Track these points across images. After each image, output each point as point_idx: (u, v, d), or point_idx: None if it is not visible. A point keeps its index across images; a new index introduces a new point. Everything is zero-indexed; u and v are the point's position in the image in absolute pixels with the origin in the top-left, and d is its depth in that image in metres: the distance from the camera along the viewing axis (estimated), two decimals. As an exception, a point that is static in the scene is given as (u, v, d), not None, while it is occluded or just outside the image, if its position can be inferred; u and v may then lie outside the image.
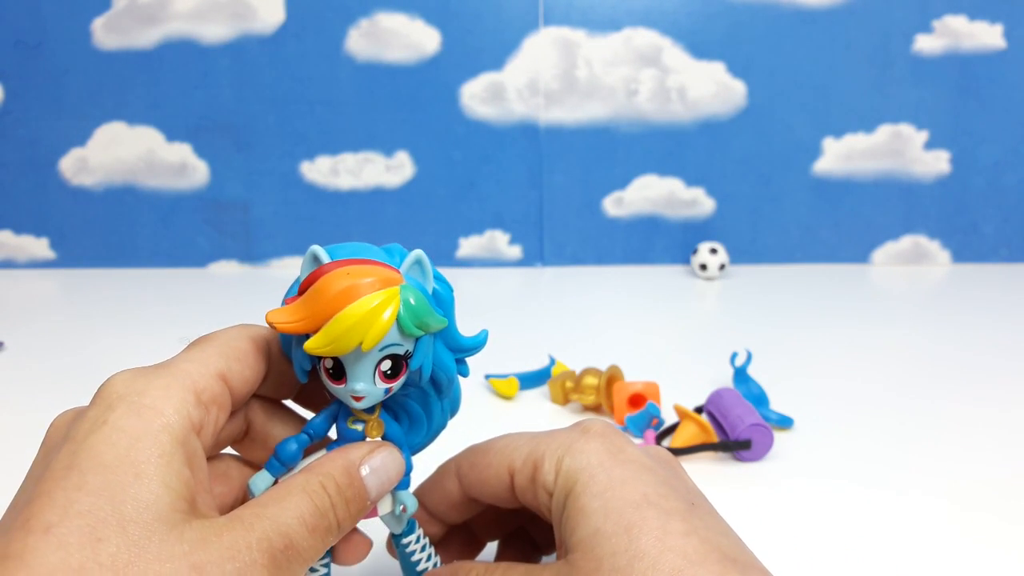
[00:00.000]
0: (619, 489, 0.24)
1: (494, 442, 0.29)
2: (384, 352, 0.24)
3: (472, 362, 0.30)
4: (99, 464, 0.20)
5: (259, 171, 1.03)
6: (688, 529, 0.23)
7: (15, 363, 0.67)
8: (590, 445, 0.26)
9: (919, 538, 0.39)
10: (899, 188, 1.03)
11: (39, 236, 1.05)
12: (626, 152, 1.02)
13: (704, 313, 0.86)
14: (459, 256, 1.04)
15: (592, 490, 0.24)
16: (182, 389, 0.22)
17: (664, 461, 0.27)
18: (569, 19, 0.99)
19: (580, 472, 0.25)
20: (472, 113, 1.01)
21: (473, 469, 0.28)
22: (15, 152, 1.02)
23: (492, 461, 0.28)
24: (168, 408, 0.22)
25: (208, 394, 0.23)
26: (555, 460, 0.26)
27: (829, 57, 0.99)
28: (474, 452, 0.29)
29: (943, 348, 0.69)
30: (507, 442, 0.28)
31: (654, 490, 0.24)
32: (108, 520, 0.19)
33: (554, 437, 0.27)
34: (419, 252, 0.27)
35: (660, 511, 0.23)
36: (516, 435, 0.28)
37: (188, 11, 0.99)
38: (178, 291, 0.94)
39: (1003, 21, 0.98)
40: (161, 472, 0.20)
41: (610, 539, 0.23)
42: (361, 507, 0.24)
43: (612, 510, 0.23)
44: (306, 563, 0.22)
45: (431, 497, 0.30)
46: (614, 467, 0.25)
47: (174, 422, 0.21)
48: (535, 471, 0.26)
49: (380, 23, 0.99)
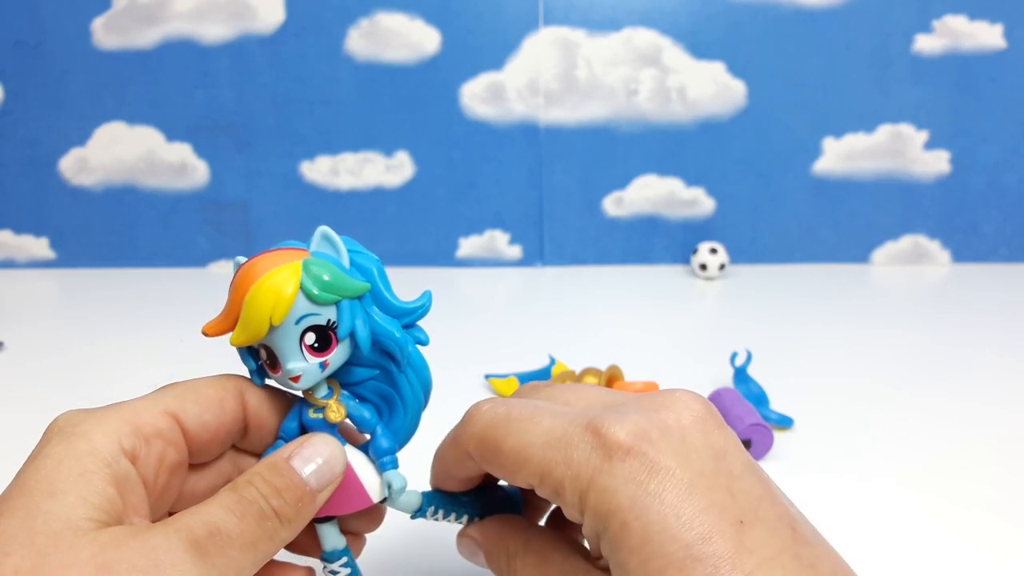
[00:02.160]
0: (657, 543, 0.21)
1: (501, 438, 0.25)
2: (302, 324, 0.24)
3: (472, 362, 0.30)
4: (21, 488, 0.21)
5: (259, 171, 1.03)
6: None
7: (15, 363, 0.67)
8: (616, 475, 0.22)
9: (919, 538, 0.39)
10: (899, 188, 1.03)
11: (39, 236, 1.05)
12: (626, 152, 1.02)
13: (704, 313, 0.86)
14: (459, 256, 1.04)
15: (628, 544, 0.21)
16: (117, 420, 0.23)
17: (706, 446, 0.23)
18: (569, 19, 0.99)
19: (610, 518, 0.21)
20: (472, 113, 1.01)
21: (486, 463, 0.26)
22: (15, 152, 1.02)
23: (504, 465, 0.25)
24: (96, 435, 0.22)
25: (150, 428, 0.24)
26: (577, 495, 0.22)
27: (829, 57, 0.99)
28: (480, 443, 0.26)
29: (943, 348, 0.69)
30: (516, 444, 0.24)
31: (696, 533, 0.20)
32: (16, 535, 0.19)
33: (570, 453, 0.23)
34: (324, 228, 0.27)
35: (705, 569, 0.20)
36: (526, 424, 0.25)
37: (188, 11, 0.99)
38: (178, 291, 0.94)
39: (1003, 21, 0.98)
40: (78, 488, 0.21)
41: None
42: (299, 495, 0.23)
43: (655, 570, 0.20)
44: (247, 548, 0.22)
45: (450, 471, 0.28)
46: (648, 506, 0.21)
47: (100, 446, 0.22)
48: (556, 495, 0.23)
49: (380, 23, 0.99)
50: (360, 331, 0.25)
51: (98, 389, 0.59)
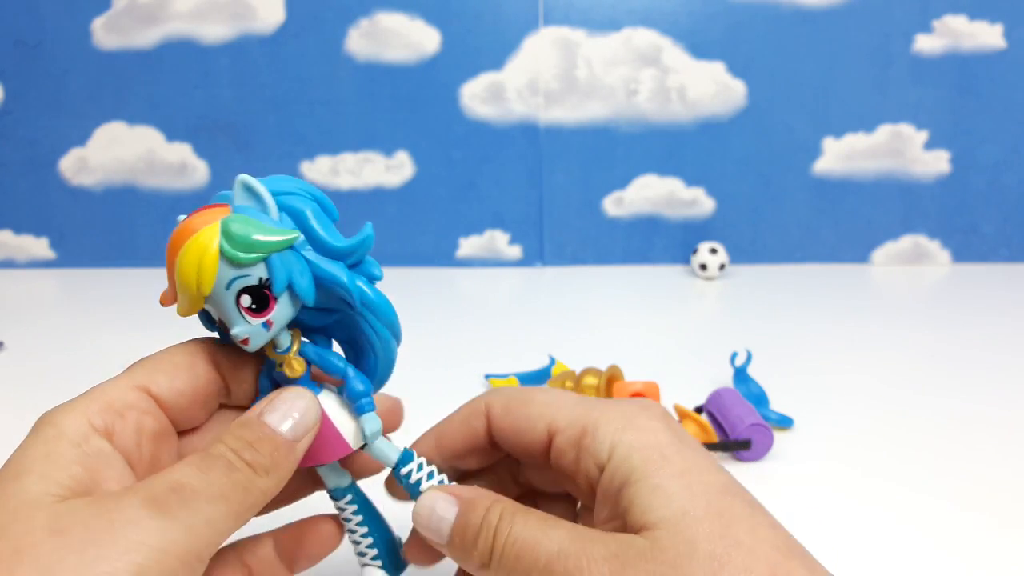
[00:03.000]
0: (701, 473, 0.23)
1: (534, 393, 0.27)
2: (233, 288, 0.23)
3: (472, 362, 0.30)
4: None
5: (259, 171, 1.02)
6: (772, 522, 0.22)
7: (15, 363, 0.67)
8: (654, 424, 0.24)
9: (920, 537, 0.39)
10: (899, 188, 1.03)
11: (39, 236, 1.05)
12: (626, 152, 1.02)
13: (704, 313, 0.86)
14: (459, 256, 1.04)
15: (669, 470, 0.23)
16: (85, 402, 0.23)
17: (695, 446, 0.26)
18: (569, 19, 0.99)
19: (649, 450, 0.23)
20: (472, 113, 1.01)
21: (507, 415, 0.26)
22: (15, 152, 1.02)
23: (531, 413, 0.26)
24: (63, 420, 0.22)
25: (120, 403, 0.24)
26: (612, 431, 0.24)
27: (829, 57, 0.99)
28: (510, 398, 0.27)
29: (943, 348, 0.69)
30: (550, 398, 0.26)
31: (728, 478, 0.23)
32: None
33: (608, 407, 0.25)
34: (243, 177, 0.24)
35: (744, 502, 0.22)
36: (560, 393, 0.27)
37: (188, 11, 0.99)
38: (178, 291, 0.94)
39: (1003, 21, 0.98)
40: (41, 468, 0.21)
41: (702, 522, 0.21)
42: (274, 446, 0.23)
43: (699, 493, 0.22)
44: (216, 499, 0.21)
45: (451, 436, 0.28)
46: (685, 448, 0.23)
47: (66, 429, 0.22)
48: (583, 437, 0.24)
49: (380, 23, 0.99)
50: (298, 283, 0.23)
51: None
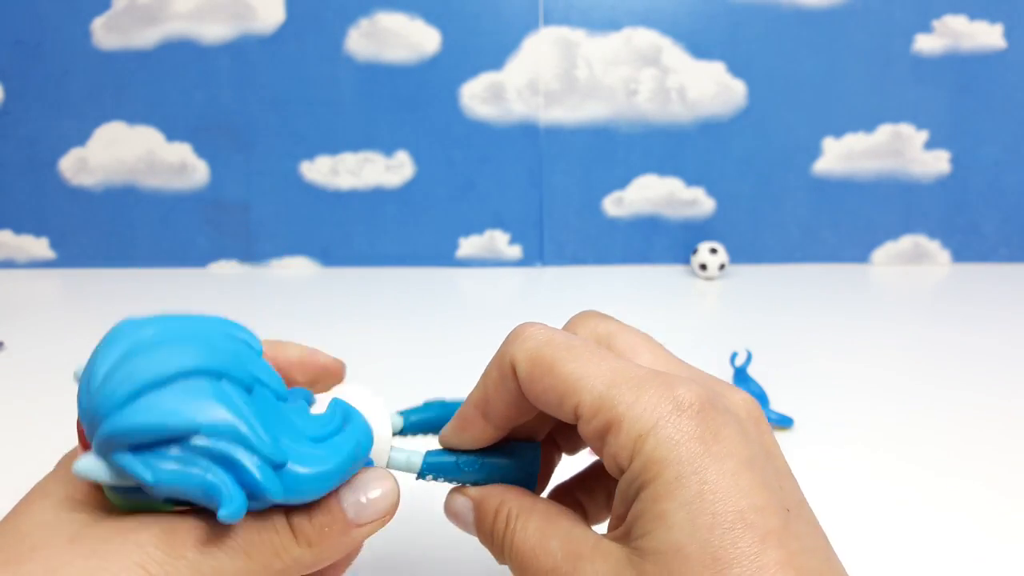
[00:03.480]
0: (711, 501, 0.20)
1: (561, 354, 0.23)
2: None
3: (472, 362, 0.30)
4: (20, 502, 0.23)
5: (259, 171, 1.03)
6: (783, 560, 0.20)
7: (15, 363, 0.67)
8: (682, 428, 0.21)
9: (919, 537, 0.39)
10: (899, 188, 1.03)
11: (39, 236, 1.05)
12: (626, 152, 1.02)
13: (704, 313, 0.86)
14: (459, 256, 1.04)
15: (679, 496, 0.20)
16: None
17: (760, 441, 0.23)
18: (569, 19, 0.99)
19: (665, 466, 0.21)
20: (472, 113, 1.01)
21: (532, 384, 0.24)
22: (15, 152, 1.02)
23: (556, 386, 0.23)
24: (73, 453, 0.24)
25: None
26: (634, 435, 0.21)
27: (829, 57, 0.99)
28: (534, 361, 0.24)
29: (943, 347, 0.69)
30: (578, 368, 0.23)
31: (750, 502, 0.20)
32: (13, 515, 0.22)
33: (638, 394, 0.22)
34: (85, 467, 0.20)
35: (755, 535, 0.20)
36: (590, 358, 0.23)
37: (188, 11, 0.99)
38: (178, 291, 0.94)
39: (1003, 21, 0.98)
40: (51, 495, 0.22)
41: (693, 566, 0.20)
42: (331, 519, 0.23)
43: (700, 528, 0.20)
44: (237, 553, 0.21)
45: (496, 406, 0.26)
46: (708, 466, 0.21)
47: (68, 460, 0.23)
48: (606, 432, 0.22)
49: (380, 23, 0.99)
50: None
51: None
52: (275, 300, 0.91)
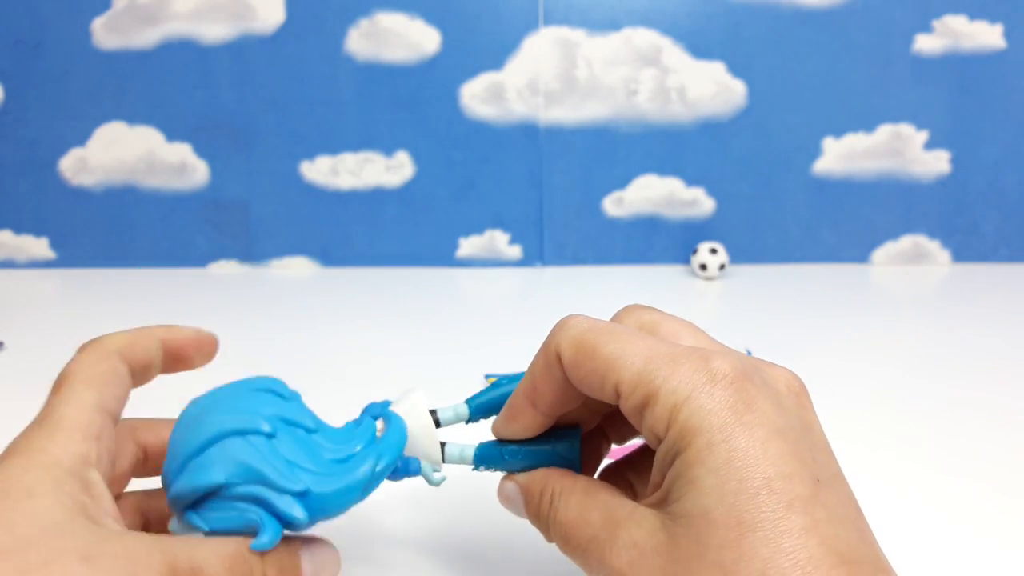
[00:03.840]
0: (739, 467, 0.21)
1: (603, 337, 0.25)
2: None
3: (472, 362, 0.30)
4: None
5: (259, 171, 1.03)
6: (807, 525, 0.20)
7: (15, 363, 0.67)
8: (715, 398, 0.22)
9: (919, 538, 0.39)
10: (899, 188, 1.03)
11: (39, 236, 1.05)
12: (626, 152, 1.02)
13: (704, 313, 0.86)
14: (459, 256, 1.04)
15: (709, 462, 0.21)
16: (62, 430, 0.23)
17: (798, 414, 0.24)
18: (569, 19, 0.99)
19: (697, 434, 0.22)
20: (472, 113, 1.01)
21: (576, 368, 0.25)
22: (15, 152, 1.02)
23: (598, 368, 0.24)
24: (52, 447, 0.22)
25: (94, 428, 0.24)
26: (670, 406, 0.22)
27: (829, 57, 0.99)
28: (578, 346, 0.25)
29: (943, 348, 0.69)
30: (618, 348, 0.24)
31: (778, 469, 0.21)
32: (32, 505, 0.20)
33: (674, 368, 0.23)
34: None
35: (780, 501, 0.20)
36: (630, 339, 0.24)
37: (188, 11, 0.99)
38: (178, 291, 0.94)
39: (1003, 21, 0.98)
40: (53, 493, 0.21)
41: (719, 529, 0.20)
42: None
43: (727, 493, 0.21)
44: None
45: (545, 395, 0.27)
46: (738, 434, 0.21)
47: (61, 458, 0.22)
48: (644, 406, 0.23)
49: (380, 23, 0.99)
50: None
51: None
52: (275, 300, 0.91)
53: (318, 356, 0.68)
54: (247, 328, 0.77)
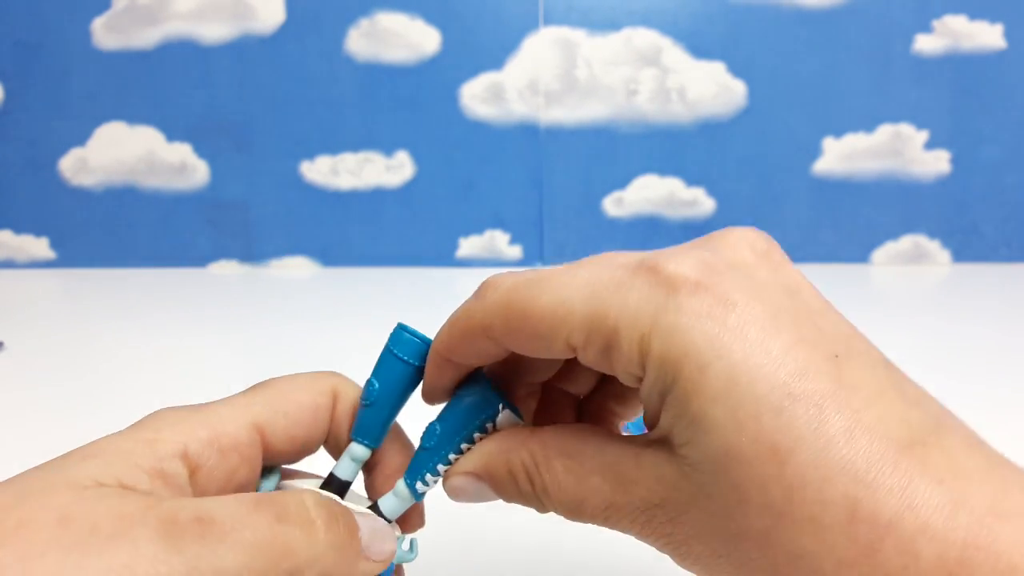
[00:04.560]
0: (747, 384, 0.17)
1: (534, 297, 0.20)
2: None
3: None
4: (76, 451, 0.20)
5: (259, 171, 1.03)
6: (849, 424, 0.17)
7: (15, 363, 0.67)
8: (685, 311, 0.18)
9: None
10: (899, 188, 1.03)
11: (39, 236, 1.05)
12: (626, 152, 1.02)
13: (704, 313, 0.86)
14: (459, 256, 1.04)
15: (708, 391, 0.17)
16: (197, 421, 0.21)
17: (779, 282, 0.20)
18: (569, 19, 0.99)
19: (682, 362, 0.17)
20: (472, 113, 1.01)
21: (511, 335, 0.21)
22: (15, 152, 1.02)
23: (538, 329, 0.20)
24: (165, 430, 0.20)
25: (229, 440, 0.21)
26: (636, 341, 0.18)
27: (829, 57, 0.99)
28: (505, 312, 0.20)
29: (943, 348, 0.69)
30: (553, 298, 0.20)
31: (790, 369, 0.17)
32: (23, 479, 0.18)
33: (625, 294, 0.19)
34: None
35: (809, 408, 0.17)
36: (567, 278, 0.20)
37: (188, 11, 0.99)
38: (178, 291, 0.94)
39: (1003, 21, 0.98)
40: (112, 458, 0.19)
41: (751, 466, 0.17)
42: (351, 533, 0.20)
43: (745, 420, 0.17)
44: (240, 548, 0.18)
45: (463, 357, 0.22)
46: (729, 344, 0.17)
47: (164, 442, 0.20)
48: (608, 351, 0.19)
49: (380, 23, 0.99)
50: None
51: (98, 389, 0.59)
52: (275, 300, 0.91)
53: (318, 356, 0.68)
54: (247, 328, 0.77)
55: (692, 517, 0.18)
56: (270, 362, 0.65)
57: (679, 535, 0.19)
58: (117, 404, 0.56)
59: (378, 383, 0.24)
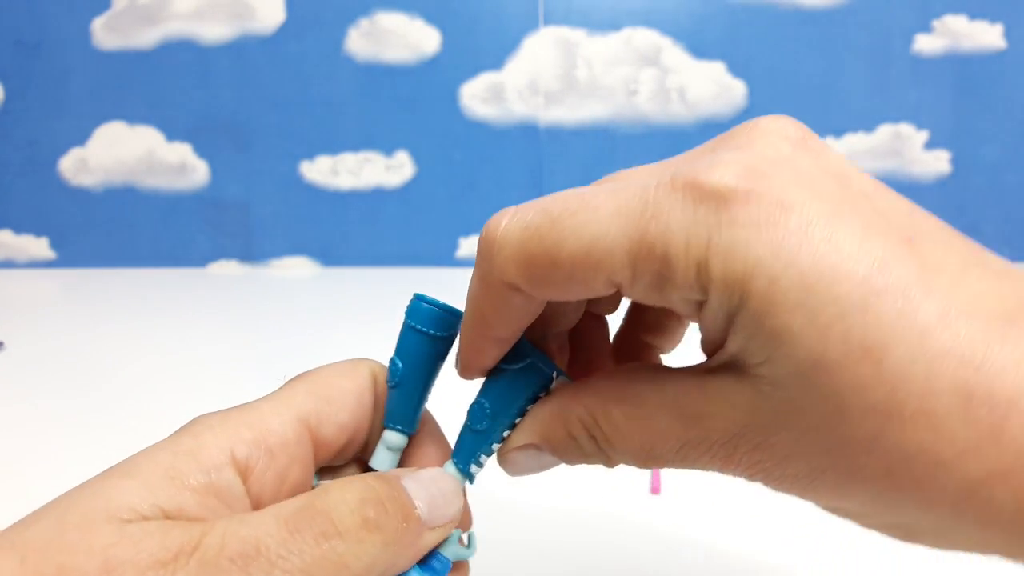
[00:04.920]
0: (825, 288, 0.15)
1: (560, 241, 0.18)
2: None
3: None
4: (112, 469, 0.19)
5: (259, 171, 1.03)
6: (941, 308, 0.15)
7: (15, 363, 0.67)
8: (742, 227, 0.16)
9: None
10: (899, 188, 1.01)
11: (39, 236, 1.05)
12: (626, 152, 1.02)
13: (704, 313, 0.86)
14: (459, 256, 1.04)
15: (784, 303, 0.16)
16: (240, 421, 0.20)
17: (829, 171, 0.18)
18: (569, 19, 0.99)
19: (750, 279, 0.16)
20: (472, 113, 1.01)
21: (543, 286, 0.19)
22: (15, 152, 1.02)
23: (573, 275, 0.18)
24: (207, 436, 0.19)
25: (276, 439, 0.20)
26: (692, 266, 0.16)
27: (829, 57, 0.99)
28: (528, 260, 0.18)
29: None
30: (584, 236, 0.17)
31: (867, 262, 0.16)
32: (59, 507, 0.17)
33: (667, 217, 0.17)
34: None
35: (896, 299, 0.15)
36: (584, 208, 0.18)
37: (188, 11, 0.99)
38: (178, 291, 0.94)
39: (1003, 21, 0.98)
40: (153, 481, 0.18)
41: (845, 370, 0.15)
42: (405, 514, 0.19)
43: (830, 326, 0.15)
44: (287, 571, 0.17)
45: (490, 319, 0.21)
46: (798, 248, 0.16)
47: (206, 449, 0.19)
48: (660, 280, 0.17)
49: (380, 23, 0.99)
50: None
51: (98, 389, 0.59)
52: (275, 300, 0.91)
53: (318, 356, 0.67)
54: (247, 328, 0.77)
55: (782, 438, 0.17)
56: (270, 362, 0.65)
57: (769, 460, 0.18)
58: (117, 404, 0.56)
59: (401, 362, 0.23)
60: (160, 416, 0.54)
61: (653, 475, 0.43)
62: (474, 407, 0.22)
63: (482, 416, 0.22)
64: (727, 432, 0.18)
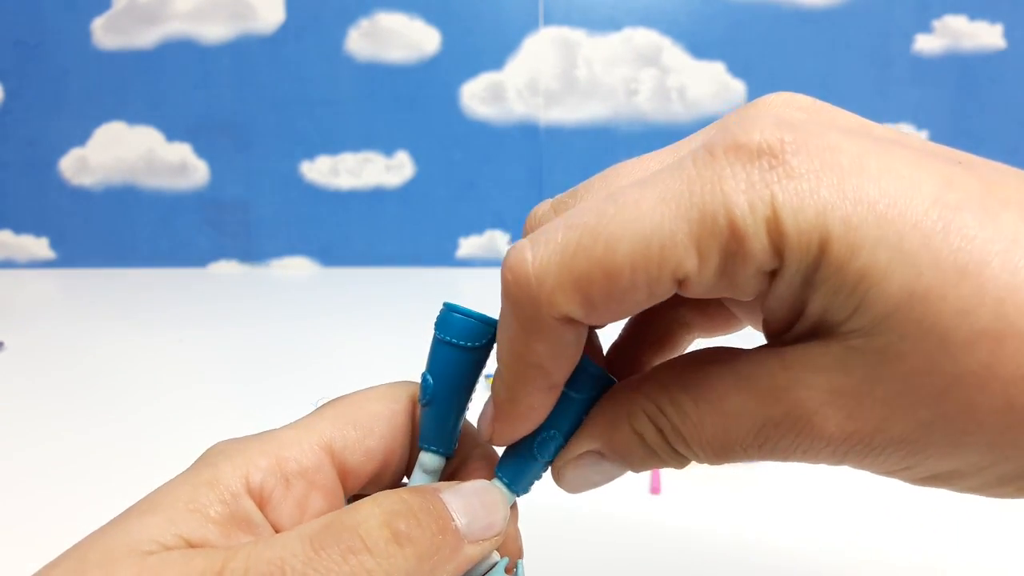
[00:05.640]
0: (899, 215, 0.15)
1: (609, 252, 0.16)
2: None
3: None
4: (135, 507, 0.19)
5: (259, 171, 1.03)
6: (1019, 211, 0.15)
7: (15, 363, 0.67)
8: (800, 177, 0.15)
9: (919, 537, 0.39)
10: (899, 188, 1.03)
11: (39, 236, 1.05)
12: (626, 152, 1.02)
13: (704, 313, 0.86)
14: (459, 256, 1.04)
15: (865, 241, 0.15)
16: (257, 450, 0.19)
17: (860, 126, 0.18)
18: (569, 19, 0.99)
19: (824, 227, 0.15)
20: (472, 113, 1.01)
21: (606, 307, 0.17)
22: (15, 152, 1.02)
23: (635, 282, 0.16)
24: (225, 466, 0.19)
25: (293, 465, 0.19)
26: (763, 230, 0.15)
27: (829, 57, 0.99)
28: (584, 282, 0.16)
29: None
30: (638, 240, 0.16)
31: (932, 180, 0.15)
32: (81, 547, 0.17)
33: (723, 190, 0.15)
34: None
35: (974, 212, 0.15)
36: (630, 216, 0.16)
37: (188, 11, 0.99)
38: (178, 291, 0.94)
39: (1003, 21, 0.98)
40: (173, 514, 0.18)
41: (943, 295, 0.14)
42: (441, 527, 0.18)
43: (917, 249, 0.14)
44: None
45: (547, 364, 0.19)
46: (861, 184, 0.15)
47: (224, 478, 0.18)
48: (730, 257, 0.16)
49: (380, 23, 0.99)
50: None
51: (98, 389, 0.59)
52: (275, 300, 0.91)
53: (318, 356, 0.68)
54: (247, 328, 0.77)
55: (881, 393, 0.15)
56: (270, 362, 0.65)
57: (867, 426, 0.16)
58: (117, 404, 0.56)
59: (432, 377, 0.21)
60: (160, 416, 0.54)
61: (653, 475, 0.43)
62: (544, 436, 0.21)
63: (550, 447, 0.21)
64: (814, 402, 0.16)
